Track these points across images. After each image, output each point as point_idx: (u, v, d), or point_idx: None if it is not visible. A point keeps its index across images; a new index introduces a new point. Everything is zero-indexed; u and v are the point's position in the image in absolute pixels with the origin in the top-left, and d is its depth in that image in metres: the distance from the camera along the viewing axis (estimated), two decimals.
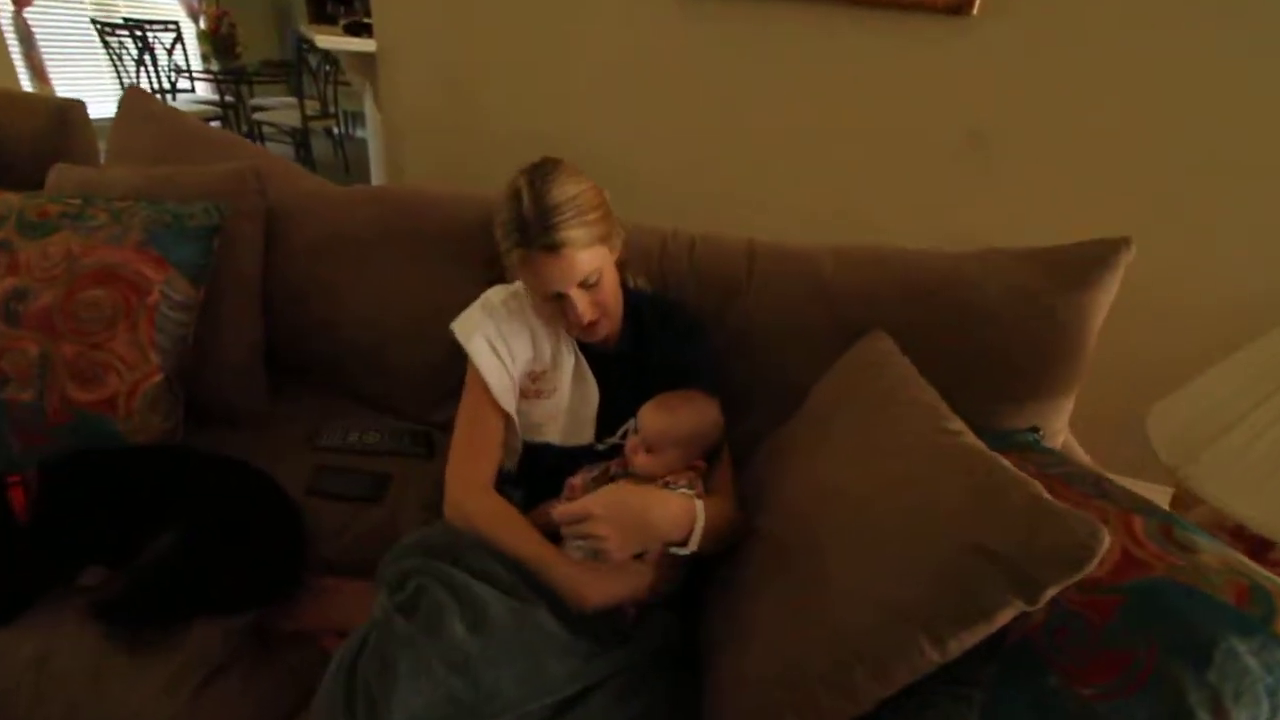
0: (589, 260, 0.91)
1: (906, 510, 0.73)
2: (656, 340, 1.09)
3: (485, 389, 1.02)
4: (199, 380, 1.22)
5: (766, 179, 2.01)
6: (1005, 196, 1.80)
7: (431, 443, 1.32)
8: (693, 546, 0.86)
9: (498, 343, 1.03)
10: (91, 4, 4.55)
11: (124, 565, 0.96)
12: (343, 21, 2.42)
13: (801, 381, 1.12)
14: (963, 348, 1.06)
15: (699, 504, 0.87)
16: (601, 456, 1.06)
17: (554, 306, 0.97)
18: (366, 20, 2.40)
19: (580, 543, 0.87)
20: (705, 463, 0.99)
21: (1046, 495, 0.66)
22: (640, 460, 0.96)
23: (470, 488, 0.97)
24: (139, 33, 4.16)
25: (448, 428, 1.31)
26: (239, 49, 4.51)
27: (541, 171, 0.92)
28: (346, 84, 4.34)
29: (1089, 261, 1.03)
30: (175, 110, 1.50)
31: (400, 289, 1.34)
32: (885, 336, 1.07)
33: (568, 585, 0.85)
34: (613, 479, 0.98)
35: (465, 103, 2.35)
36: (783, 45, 1.88)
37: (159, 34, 4.34)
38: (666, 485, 0.93)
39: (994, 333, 1.05)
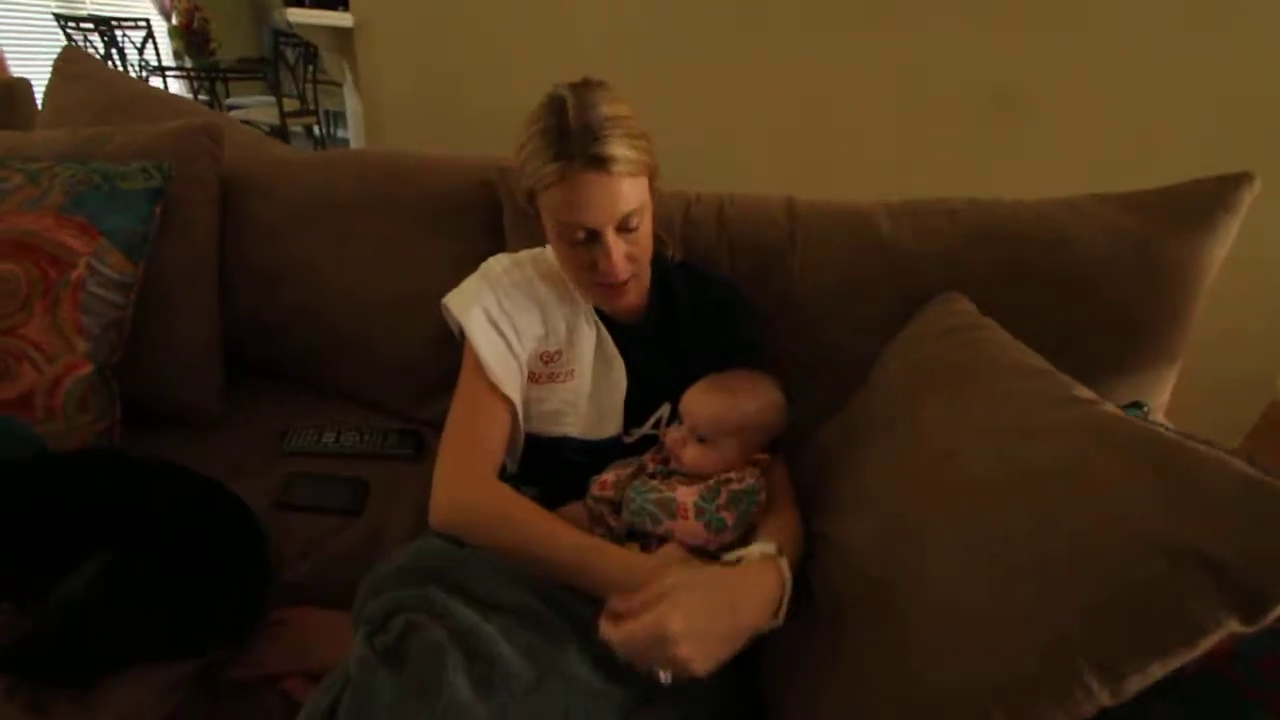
0: (634, 192, 0.76)
1: (1051, 507, 0.55)
2: (692, 312, 0.92)
3: (485, 372, 0.83)
4: (142, 374, 1.03)
5: (769, 150, 1.83)
6: (1036, 157, 1.62)
7: (421, 443, 1.13)
8: (781, 620, 0.67)
9: (500, 318, 0.87)
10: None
11: (34, 602, 0.76)
12: None
13: (860, 355, 0.95)
14: (1056, 308, 0.89)
15: (784, 563, 0.68)
16: (630, 451, 0.87)
17: (580, 256, 0.80)
18: None
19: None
20: (769, 455, 0.81)
21: (1265, 477, 0.49)
22: (690, 455, 0.78)
23: (468, 480, 0.78)
24: (104, 29, 3.96)
25: (439, 426, 1.13)
26: (214, 45, 4.31)
27: (587, 86, 0.77)
28: (327, 82, 4.15)
29: (1204, 202, 0.86)
30: (118, 72, 1.30)
31: (385, 266, 1.16)
32: (962, 297, 0.90)
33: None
34: (651, 477, 0.79)
35: (448, 79, 2.17)
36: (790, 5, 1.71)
37: (129, 31, 4.14)
38: (727, 483, 0.75)
39: (1094, 288, 0.88)
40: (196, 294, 1.09)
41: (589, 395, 0.88)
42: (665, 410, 0.88)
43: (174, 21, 4.35)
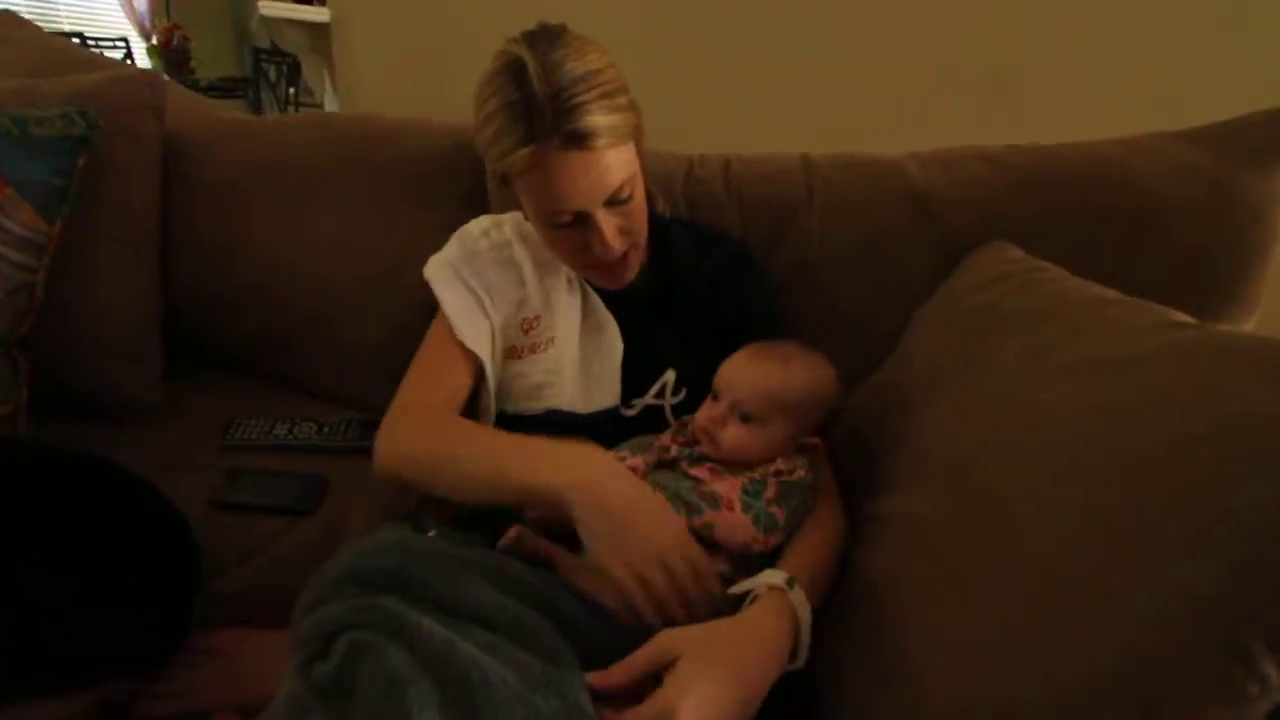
0: (621, 163, 0.66)
1: (1177, 441, 0.43)
2: (694, 275, 0.80)
3: (450, 329, 0.76)
4: (61, 356, 0.89)
5: (777, 128, 1.73)
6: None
7: None
8: (801, 662, 0.55)
9: (471, 277, 0.79)
10: (29, 14, 4.25)
11: None
12: None
13: (889, 319, 0.84)
14: (1119, 254, 0.78)
15: (798, 595, 0.55)
16: (631, 424, 0.73)
17: (569, 239, 0.69)
18: None
19: None
20: (821, 440, 0.68)
21: None
22: (731, 436, 0.64)
23: (412, 418, 0.72)
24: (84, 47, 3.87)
25: None
26: (193, 64, 4.22)
27: (547, 38, 0.65)
28: (309, 104, 4.07)
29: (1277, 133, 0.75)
30: (56, 35, 1.18)
31: (352, 239, 1.04)
32: (1010, 245, 0.78)
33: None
34: (674, 464, 0.66)
35: (430, 76, 2.07)
36: None
37: (106, 50, 4.06)
38: (777, 475, 0.62)
39: (1163, 232, 0.77)
40: (131, 264, 0.95)
41: (577, 363, 0.75)
42: (669, 378, 0.75)
43: (153, 40, 4.28)
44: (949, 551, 0.51)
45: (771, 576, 0.56)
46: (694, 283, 0.80)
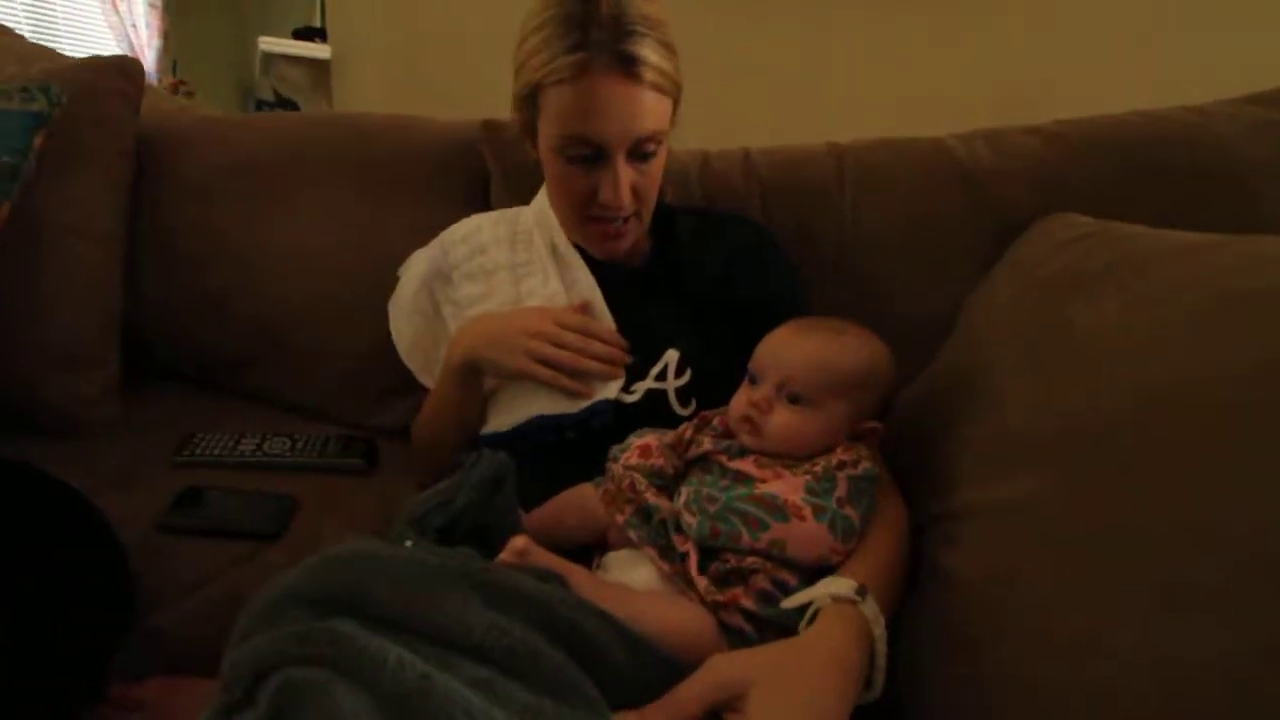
0: (658, 114, 0.64)
1: None
2: (697, 256, 0.75)
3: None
4: (5, 363, 0.78)
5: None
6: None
7: (373, 453, 0.87)
8: (877, 690, 0.44)
9: (440, 291, 0.78)
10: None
11: None
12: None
13: (936, 307, 0.76)
14: (1197, 215, 0.68)
15: (870, 607, 0.44)
16: (634, 414, 0.63)
17: (578, 180, 0.66)
18: (320, 25, 2.15)
19: None
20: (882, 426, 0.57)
21: None
22: (780, 423, 0.53)
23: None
24: None
25: (398, 434, 0.88)
26: None
27: None
28: None
29: None
30: (36, 44, 1.13)
31: (337, 243, 0.95)
32: (1073, 214, 0.70)
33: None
34: (706, 459, 0.55)
35: (433, 114, 2.05)
36: None
37: None
38: (842, 467, 0.51)
39: (1242, 189, 0.70)
40: (91, 261, 0.85)
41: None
42: (671, 357, 0.67)
43: None
44: (1077, 536, 0.40)
45: (837, 585, 0.44)
46: (702, 261, 0.74)
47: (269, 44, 2.10)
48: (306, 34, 2.15)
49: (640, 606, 0.43)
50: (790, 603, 0.45)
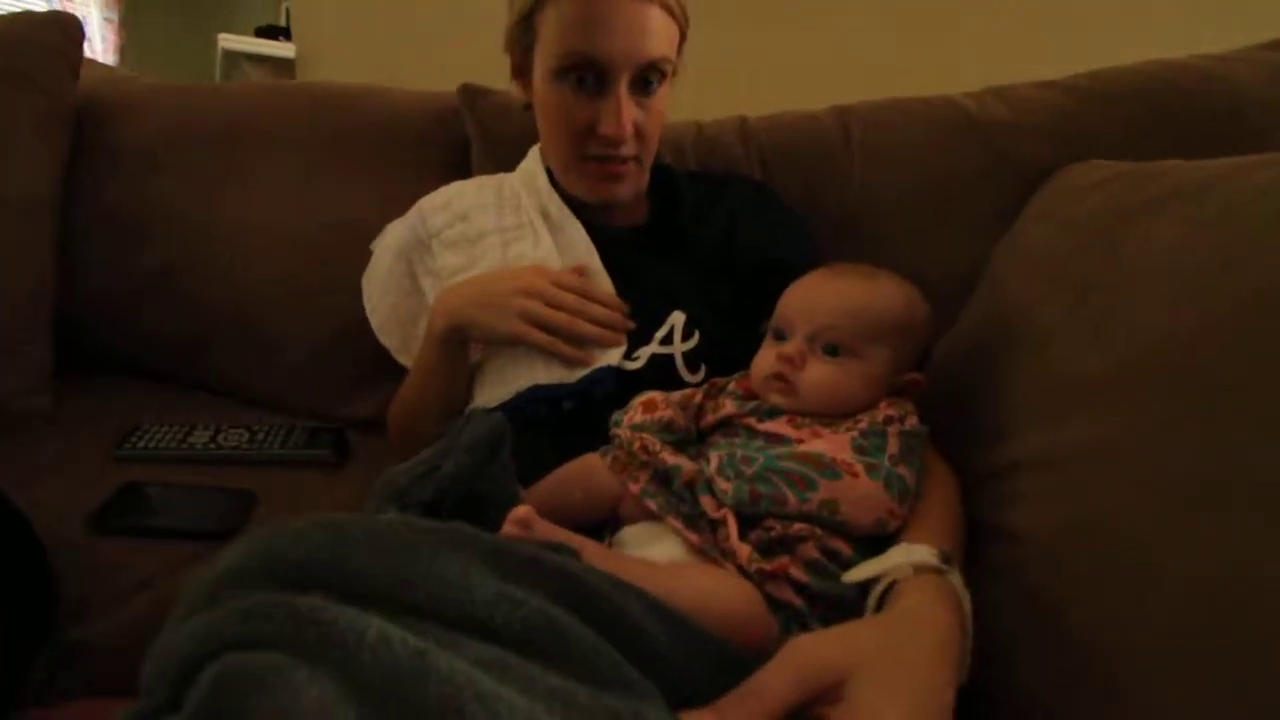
0: (665, 39, 0.59)
1: None
2: (706, 210, 0.70)
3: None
4: None
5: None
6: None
7: (343, 443, 0.78)
8: (965, 676, 0.36)
9: (419, 264, 0.71)
10: None
11: None
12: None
13: (955, 269, 0.70)
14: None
15: (957, 581, 0.38)
16: (636, 381, 0.57)
17: (578, 110, 0.60)
18: (284, 24, 2.07)
19: None
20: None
21: None
22: (816, 377, 0.47)
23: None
24: None
25: (369, 426, 0.80)
26: None
27: None
28: None
29: None
30: None
31: (300, 218, 0.87)
32: (1099, 161, 0.66)
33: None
34: (730, 423, 0.49)
35: None
36: None
37: None
38: (890, 422, 0.45)
39: (1266, 131, 0.66)
40: (18, 234, 0.76)
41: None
42: (678, 319, 0.61)
43: None
44: (1172, 469, 0.35)
45: (918, 553, 0.38)
46: (706, 220, 0.69)
47: (230, 42, 2.01)
48: (270, 32, 2.06)
49: (675, 580, 0.36)
50: (858, 574, 0.38)
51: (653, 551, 0.42)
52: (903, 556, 0.38)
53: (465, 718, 0.22)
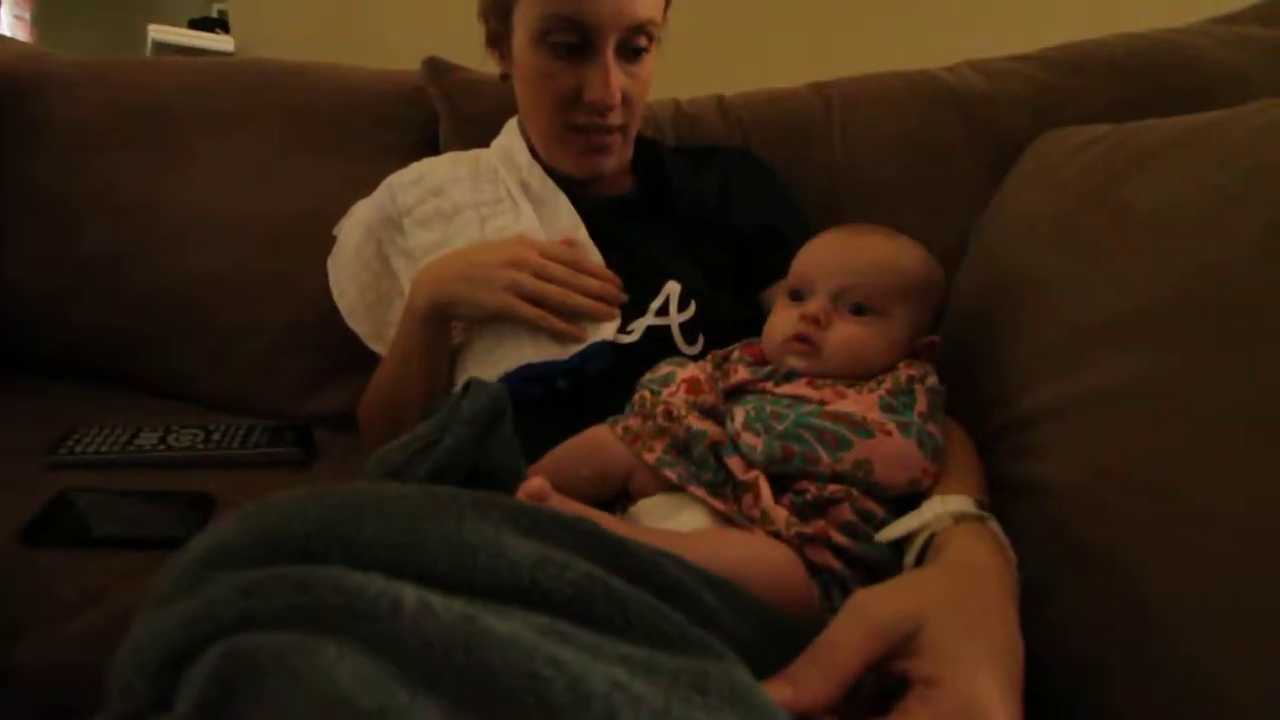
0: (654, 2, 0.57)
1: None
2: (695, 179, 0.68)
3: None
4: None
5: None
6: None
7: (309, 440, 0.72)
8: None
9: (389, 244, 0.66)
10: None
11: None
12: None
13: (944, 237, 0.69)
14: None
15: (998, 530, 0.37)
16: (633, 355, 0.54)
17: (562, 79, 0.58)
18: (220, 14, 1.96)
19: None
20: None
21: None
22: (842, 337, 0.45)
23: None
24: None
25: (335, 421, 0.75)
26: None
27: None
28: None
29: None
30: None
31: (252, 200, 0.82)
32: (1079, 126, 0.67)
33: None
34: (744, 389, 0.47)
35: None
36: None
37: None
38: (912, 380, 0.44)
39: (1228, 101, 0.68)
40: None
41: None
42: (673, 289, 0.59)
43: None
44: (1200, 404, 0.34)
45: (955, 503, 0.37)
46: (694, 189, 0.67)
47: (162, 33, 1.89)
48: (205, 24, 1.95)
49: (713, 546, 0.34)
50: (897, 530, 0.36)
51: (675, 524, 0.39)
52: (941, 508, 0.36)
53: (540, 685, 0.19)
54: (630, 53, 0.57)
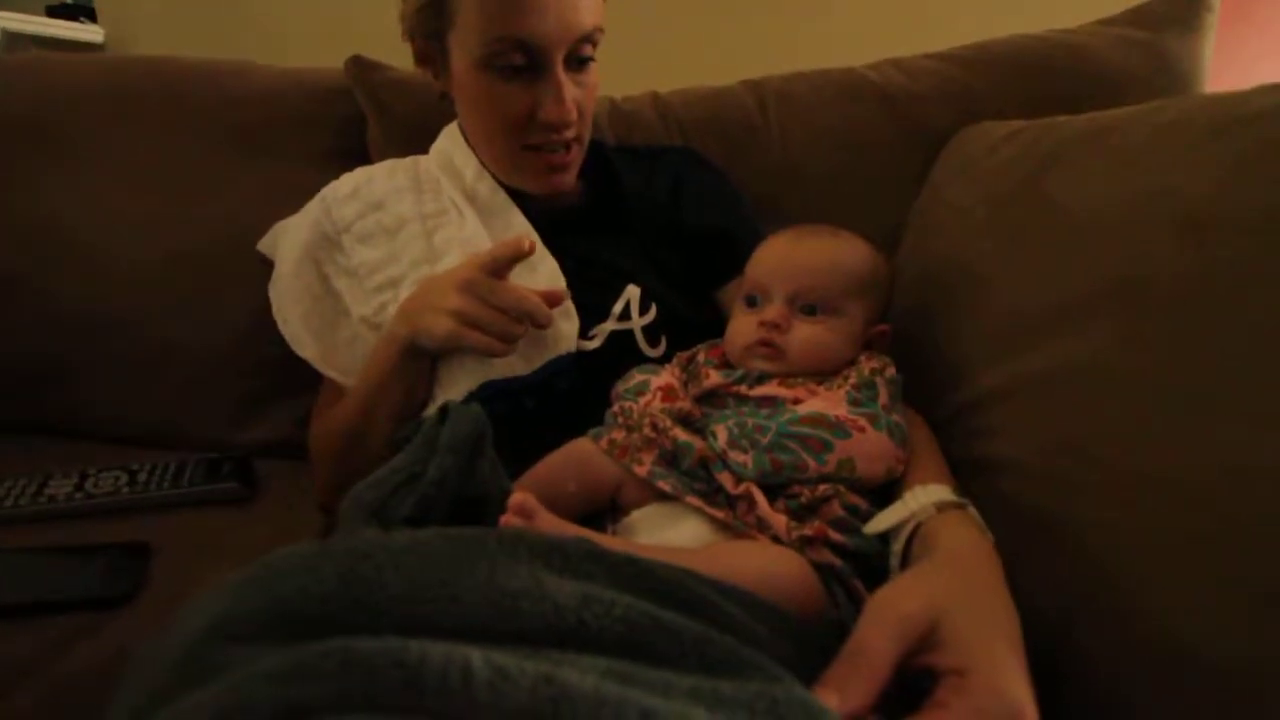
0: (595, 8, 0.56)
1: None
2: (645, 182, 0.68)
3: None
4: None
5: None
6: None
7: (249, 473, 0.67)
8: None
9: (329, 264, 0.63)
10: None
11: None
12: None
13: (881, 229, 0.73)
14: None
15: (977, 518, 0.40)
16: (597, 361, 0.55)
17: (513, 101, 0.56)
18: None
19: None
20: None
21: None
22: (803, 336, 0.48)
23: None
24: None
25: (274, 450, 0.71)
26: None
27: None
28: None
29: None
30: None
31: (159, 208, 0.75)
32: (996, 121, 0.72)
33: None
34: (715, 394, 0.48)
35: None
36: None
37: None
38: (875, 372, 0.47)
39: (1122, 100, 0.75)
40: None
41: None
42: (633, 293, 0.59)
43: None
44: (1149, 375, 0.38)
45: (936, 493, 0.39)
46: (645, 192, 0.67)
47: (14, 22, 1.67)
48: (66, 11, 1.74)
49: (730, 559, 0.35)
50: (884, 522, 0.38)
51: (674, 534, 0.40)
52: (925, 498, 0.38)
53: None
54: (577, 63, 0.57)
